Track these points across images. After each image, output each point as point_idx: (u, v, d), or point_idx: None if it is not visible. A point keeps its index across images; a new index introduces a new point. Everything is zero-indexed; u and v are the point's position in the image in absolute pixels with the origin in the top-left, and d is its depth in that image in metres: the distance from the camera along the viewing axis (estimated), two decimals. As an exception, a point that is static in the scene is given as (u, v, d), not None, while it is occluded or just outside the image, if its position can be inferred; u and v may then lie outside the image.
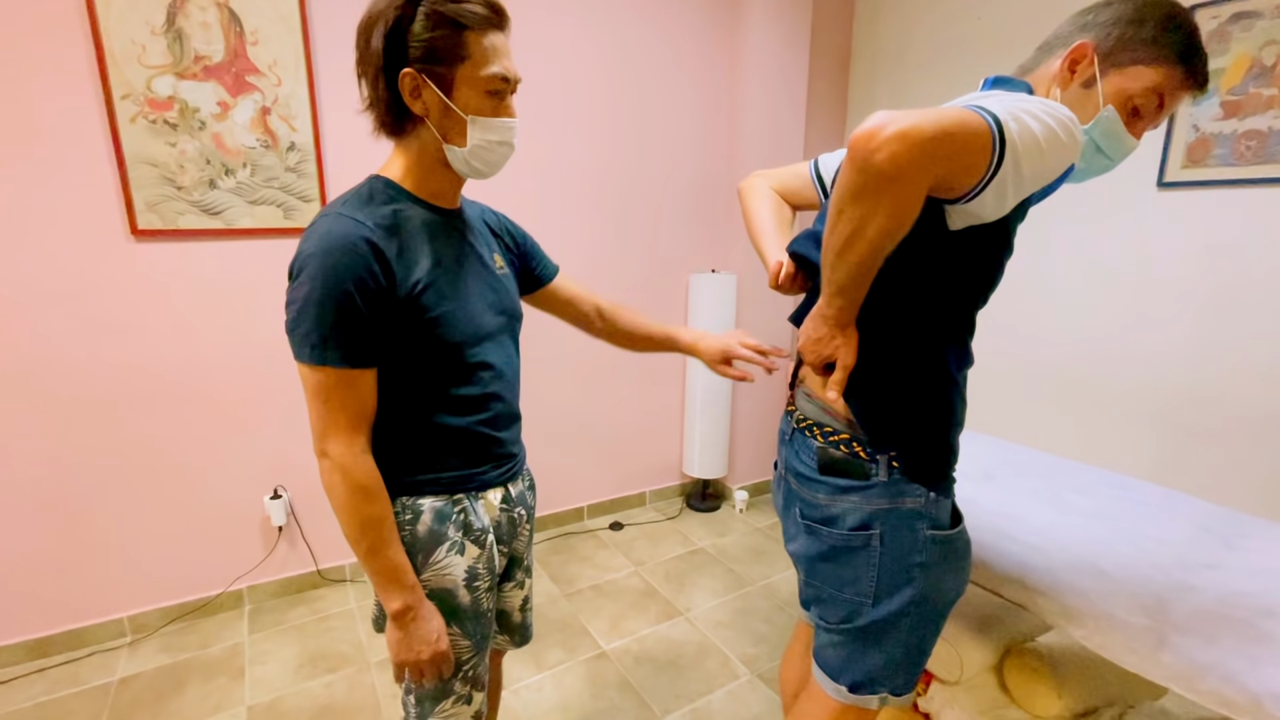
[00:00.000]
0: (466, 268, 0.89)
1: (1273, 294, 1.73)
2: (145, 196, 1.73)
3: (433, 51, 0.77)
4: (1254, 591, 0.95)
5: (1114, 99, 0.77)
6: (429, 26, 0.76)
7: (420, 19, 0.76)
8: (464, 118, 0.80)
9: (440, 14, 0.76)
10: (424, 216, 0.86)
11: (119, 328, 1.77)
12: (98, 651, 1.86)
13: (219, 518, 1.99)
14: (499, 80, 0.80)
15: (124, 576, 1.90)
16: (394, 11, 0.76)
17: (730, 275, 2.66)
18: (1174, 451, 1.95)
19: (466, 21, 0.76)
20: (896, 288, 0.78)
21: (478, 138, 0.82)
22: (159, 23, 1.66)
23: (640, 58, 2.41)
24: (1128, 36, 0.75)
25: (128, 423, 1.82)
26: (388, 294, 0.78)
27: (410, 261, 0.82)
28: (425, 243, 0.84)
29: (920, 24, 2.55)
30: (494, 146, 0.84)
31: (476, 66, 0.78)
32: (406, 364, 0.84)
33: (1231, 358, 1.81)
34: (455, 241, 0.89)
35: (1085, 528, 1.16)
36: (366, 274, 0.76)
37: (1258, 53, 1.72)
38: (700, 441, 2.77)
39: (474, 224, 0.96)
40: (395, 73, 0.78)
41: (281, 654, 1.86)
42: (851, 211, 0.65)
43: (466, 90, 0.79)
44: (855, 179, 0.62)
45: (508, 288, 0.98)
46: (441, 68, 0.78)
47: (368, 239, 0.77)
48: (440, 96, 0.79)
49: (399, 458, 0.87)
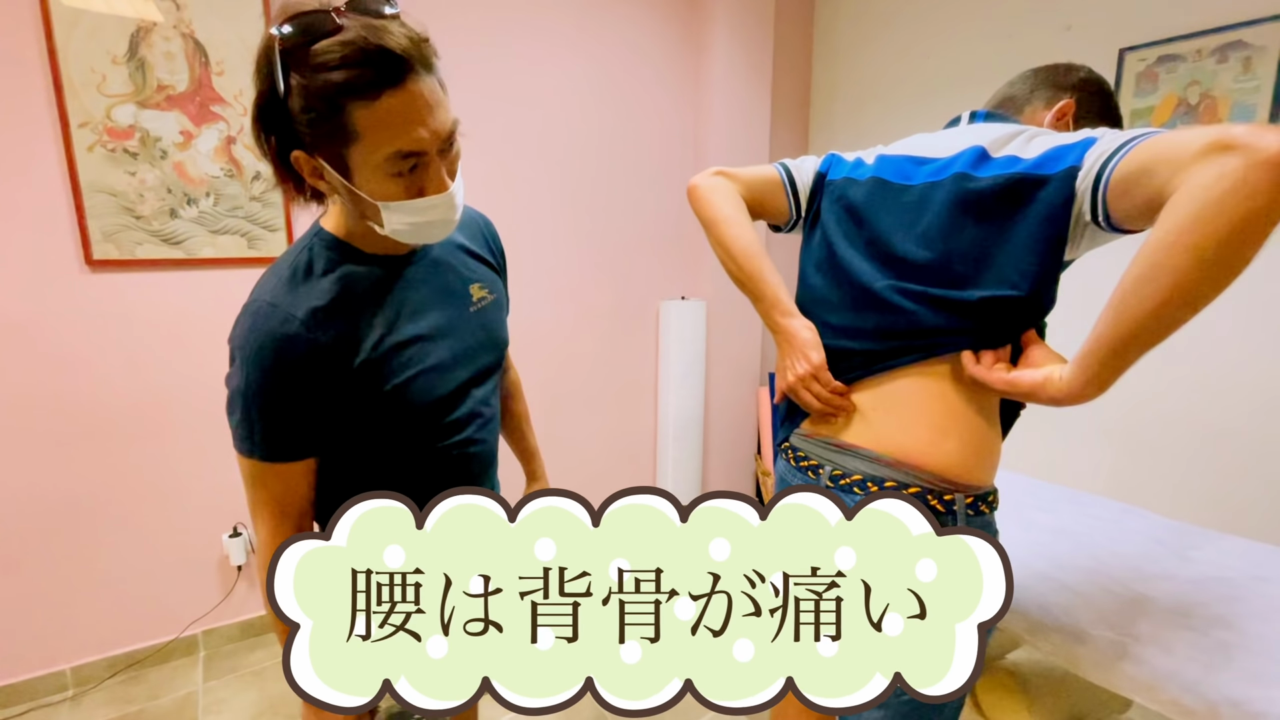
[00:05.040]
0: (433, 315, 0.80)
1: (1212, 314, 1.83)
2: (102, 226, 1.68)
3: (315, 134, 0.63)
4: (1206, 601, 0.99)
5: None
6: (302, 105, 0.61)
7: (294, 93, 0.60)
8: (373, 203, 0.66)
9: (312, 89, 0.59)
10: (374, 275, 0.76)
11: (69, 360, 1.70)
12: (35, 708, 1.74)
13: (173, 559, 1.90)
14: (399, 159, 0.63)
15: (66, 624, 1.79)
16: (263, 84, 0.62)
17: (700, 302, 2.70)
18: (1129, 467, 2.03)
19: (345, 93, 0.59)
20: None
21: (397, 222, 0.68)
22: (121, 51, 1.64)
23: (608, 87, 2.46)
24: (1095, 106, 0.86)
25: (76, 460, 1.74)
26: (328, 382, 0.71)
27: (360, 336, 0.73)
28: (376, 306, 0.75)
29: (874, 60, 2.69)
30: (418, 226, 0.70)
31: (368, 148, 0.62)
32: (369, 436, 0.78)
33: (1181, 375, 1.91)
34: (416, 289, 0.79)
35: (1048, 544, 1.19)
36: (297, 372, 0.69)
37: (1183, 92, 1.85)
38: (674, 467, 2.77)
39: (447, 256, 0.85)
40: (286, 155, 0.65)
41: (239, 701, 1.77)
42: (1262, 239, 0.55)
43: (366, 174, 0.64)
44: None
45: (486, 321, 0.88)
46: (331, 149, 0.64)
47: (295, 336, 0.69)
48: (341, 181, 0.66)
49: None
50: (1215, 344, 1.83)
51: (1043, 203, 0.70)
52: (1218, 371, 1.83)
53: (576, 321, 2.54)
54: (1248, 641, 0.88)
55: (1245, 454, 1.80)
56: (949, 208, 0.77)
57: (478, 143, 2.20)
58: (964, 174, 0.76)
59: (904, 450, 0.77)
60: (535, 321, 2.44)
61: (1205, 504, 1.87)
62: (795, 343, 0.86)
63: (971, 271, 0.75)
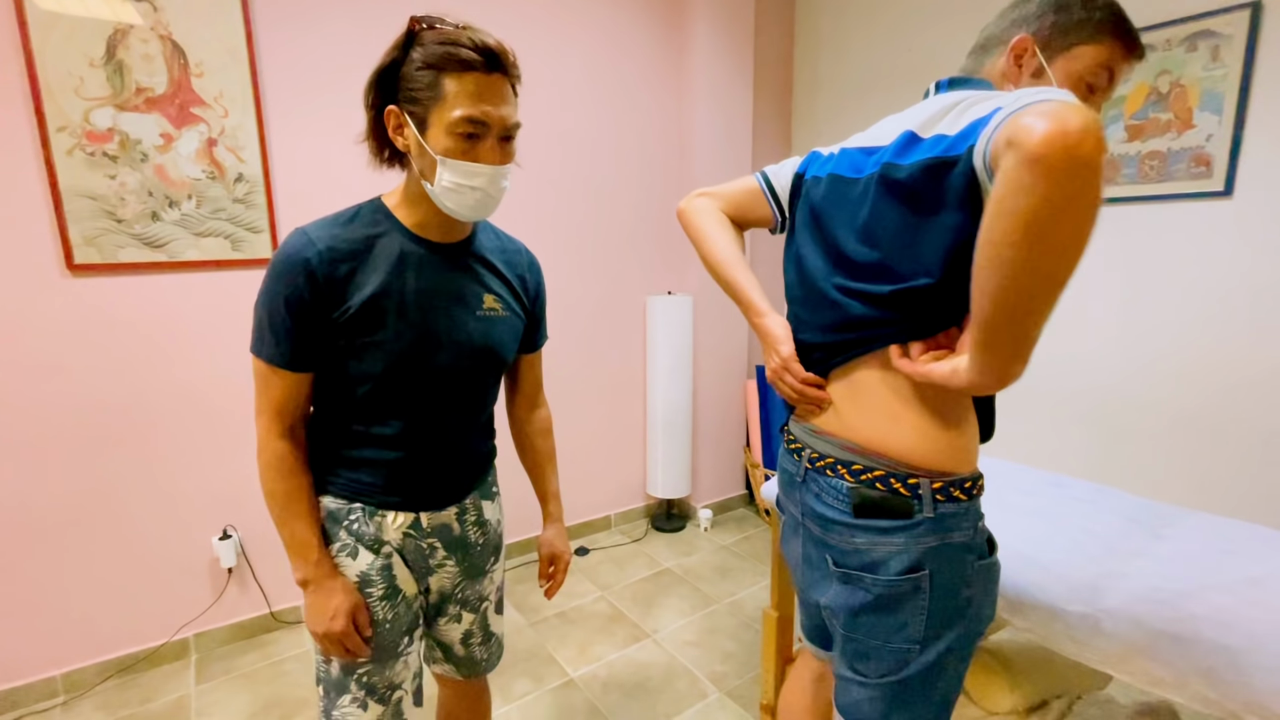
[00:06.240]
0: (436, 303, 0.90)
1: (1178, 300, 1.88)
2: (82, 230, 1.68)
3: (413, 91, 0.81)
4: (1176, 575, 1.01)
5: (1066, 83, 0.78)
6: (415, 68, 0.80)
7: (411, 61, 0.81)
8: (434, 157, 0.82)
9: (425, 57, 0.80)
10: (403, 245, 0.89)
11: (52, 366, 1.69)
12: (27, 714, 1.74)
13: (162, 563, 1.90)
14: (467, 123, 0.80)
15: (57, 630, 1.79)
16: (392, 53, 0.82)
17: (686, 297, 2.71)
18: (1105, 450, 2.07)
19: (447, 64, 0.79)
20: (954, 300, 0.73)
21: (446, 179, 0.83)
22: (98, 55, 1.64)
23: (592, 86, 2.47)
24: (1060, 23, 0.78)
25: (63, 465, 1.73)
26: (317, 312, 0.84)
27: (358, 285, 0.85)
28: (389, 271, 0.86)
29: (856, 52, 2.71)
30: (462, 190, 0.84)
31: (448, 108, 0.80)
32: (335, 375, 0.89)
33: (1150, 361, 1.95)
34: (432, 275, 0.90)
35: (1025, 525, 1.22)
36: (297, 291, 0.82)
37: (1154, 81, 1.88)
38: (663, 462, 2.79)
39: (471, 262, 0.96)
40: (383, 109, 0.84)
41: (231, 704, 1.77)
42: (1057, 235, 0.54)
43: (438, 131, 0.81)
44: (1064, 187, 0.52)
45: (489, 329, 0.96)
46: (419, 107, 0.81)
47: (307, 259, 0.82)
48: (416, 135, 0.83)
49: (318, 449, 0.94)
50: (1183, 329, 1.87)
51: (952, 186, 0.68)
52: (1187, 356, 1.87)
53: (565, 317, 2.55)
54: (1214, 612, 0.91)
55: (1214, 434, 1.84)
56: (877, 200, 0.77)
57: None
58: (890, 163, 0.75)
59: (865, 437, 0.81)
60: (522, 319, 2.44)
61: (1178, 483, 1.92)
62: (768, 339, 0.92)
63: (901, 262, 0.75)
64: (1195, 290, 1.85)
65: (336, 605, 0.88)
